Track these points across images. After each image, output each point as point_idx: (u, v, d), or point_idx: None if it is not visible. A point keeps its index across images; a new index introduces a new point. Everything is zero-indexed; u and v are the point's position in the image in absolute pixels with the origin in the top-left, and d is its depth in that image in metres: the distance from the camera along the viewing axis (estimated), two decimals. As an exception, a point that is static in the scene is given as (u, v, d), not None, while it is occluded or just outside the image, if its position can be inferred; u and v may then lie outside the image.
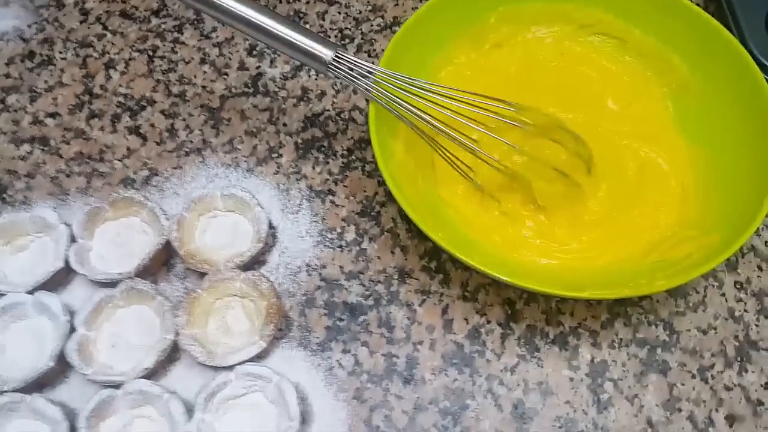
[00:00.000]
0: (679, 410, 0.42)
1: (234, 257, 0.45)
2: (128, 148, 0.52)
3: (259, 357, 0.43)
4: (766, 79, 0.50)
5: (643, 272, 0.42)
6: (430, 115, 0.43)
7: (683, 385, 0.43)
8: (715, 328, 0.45)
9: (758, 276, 0.46)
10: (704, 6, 0.57)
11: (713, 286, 0.46)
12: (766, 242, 0.48)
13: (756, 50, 0.51)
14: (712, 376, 0.43)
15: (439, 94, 0.43)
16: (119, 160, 0.51)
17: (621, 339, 0.44)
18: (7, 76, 0.56)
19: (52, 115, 0.54)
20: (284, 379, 0.41)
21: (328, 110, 0.53)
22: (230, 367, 0.41)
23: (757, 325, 0.45)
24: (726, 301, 0.45)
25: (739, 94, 0.45)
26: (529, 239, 0.46)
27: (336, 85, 0.54)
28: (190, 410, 0.41)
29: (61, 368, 0.43)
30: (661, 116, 0.50)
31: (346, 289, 0.46)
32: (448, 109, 0.43)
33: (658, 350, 0.44)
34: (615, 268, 0.44)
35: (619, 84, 0.50)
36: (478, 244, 0.45)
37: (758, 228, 0.47)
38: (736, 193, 0.43)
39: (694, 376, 0.43)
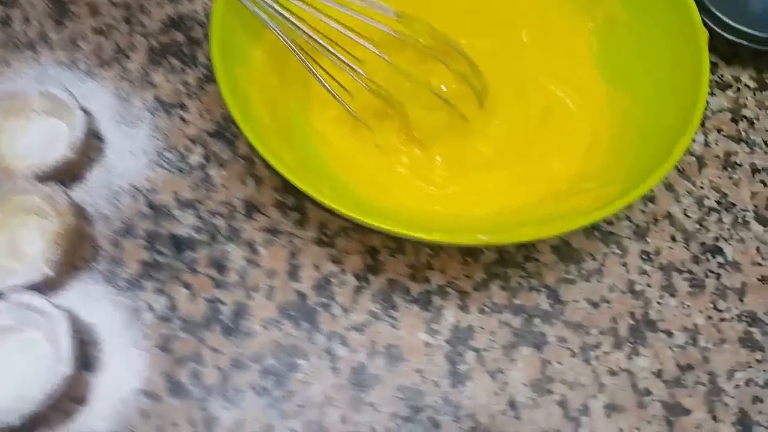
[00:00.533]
0: (550, 392, 0.35)
1: (36, 167, 0.37)
2: (-47, 36, 0.43)
3: (48, 287, 0.35)
4: (707, 24, 0.43)
5: (523, 225, 0.34)
6: (307, 24, 0.35)
7: (560, 363, 0.35)
8: (608, 302, 0.37)
9: (670, 247, 0.39)
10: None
11: (615, 253, 0.38)
12: (685, 211, 0.40)
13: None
14: (596, 356, 0.36)
15: None
16: (-63, 47, 0.43)
17: (495, 303, 0.37)
18: None
19: None
20: (63, 317, 0.33)
21: (198, 13, 0.45)
22: (1, 293, 0.33)
23: (659, 303, 0.37)
24: (627, 272, 0.38)
25: (672, 37, 0.38)
26: (403, 177, 0.38)
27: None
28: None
29: None
30: (581, 54, 0.42)
31: (177, 219, 0.38)
32: (328, 16, 0.35)
33: (536, 321, 0.36)
34: (496, 219, 0.36)
35: (539, 12, 0.42)
36: (340, 179, 0.38)
37: (678, 194, 0.40)
38: (646, 144, 0.36)
39: (574, 355, 0.36)
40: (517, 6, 0.43)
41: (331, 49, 0.36)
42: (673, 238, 0.39)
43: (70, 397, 0.33)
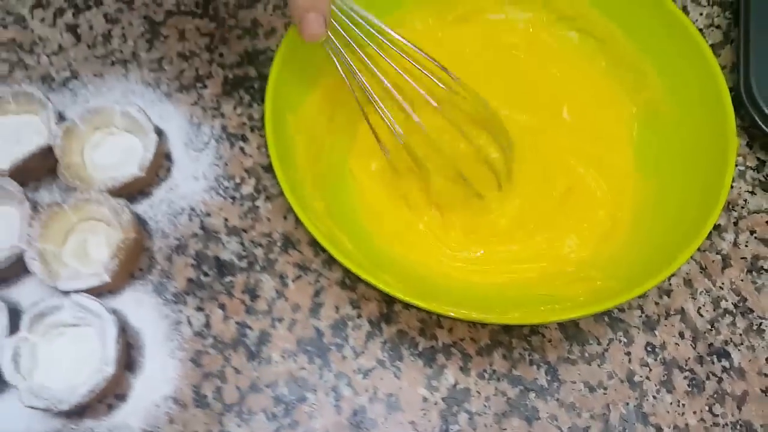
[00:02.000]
0: (530, 466, 0.37)
1: (109, 180, 0.42)
2: (60, 46, 0.49)
3: (103, 291, 0.40)
4: (757, 123, 0.43)
5: (521, 301, 0.36)
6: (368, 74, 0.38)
7: (545, 440, 0.38)
8: (605, 388, 0.39)
9: (676, 344, 0.40)
10: (725, 30, 0.49)
11: (620, 341, 0.40)
12: (699, 309, 0.41)
13: (758, 94, 0.44)
14: (581, 439, 0.38)
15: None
16: (47, 56, 0.49)
17: (494, 371, 0.39)
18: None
19: (-2, -5, 0.51)
20: (112, 321, 0.38)
21: (272, 50, 0.49)
22: (67, 293, 0.39)
23: (655, 397, 0.39)
24: (629, 361, 0.40)
25: (708, 132, 0.38)
26: (422, 234, 0.41)
27: (290, 24, 0.50)
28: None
29: None
30: (620, 139, 0.43)
31: (223, 243, 0.43)
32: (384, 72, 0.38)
33: (532, 394, 0.39)
34: (498, 291, 0.39)
35: (584, 92, 0.44)
36: (365, 229, 0.41)
37: (696, 291, 0.41)
38: (657, 245, 0.37)
39: (560, 434, 0.38)
40: (563, 83, 0.44)
41: (381, 104, 0.39)
42: (681, 335, 0.40)
43: (113, 393, 0.39)
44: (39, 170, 0.44)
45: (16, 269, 0.40)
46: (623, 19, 0.42)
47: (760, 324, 0.41)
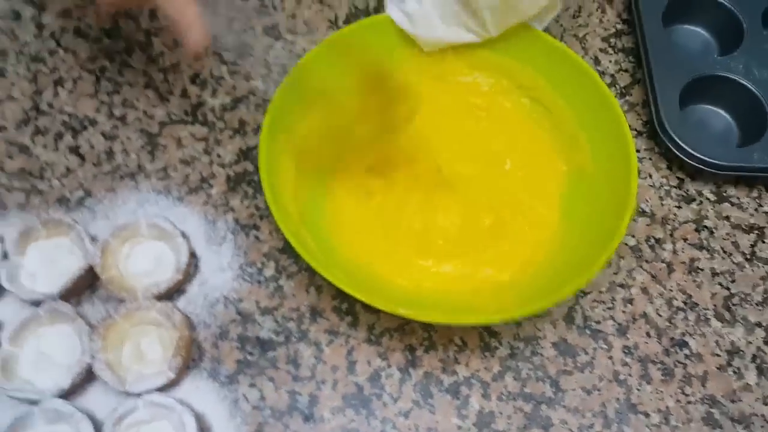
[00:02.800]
0: (555, 465, 0.45)
1: (152, 287, 0.47)
2: (67, 168, 0.54)
3: (168, 386, 0.45)
4: (672, 151, 0.53)
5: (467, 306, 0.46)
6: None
7: (561, 441, 0.46)
8: (599, 389, 0.48)
9: (645, 342, 0.49)
10: (632, 73, 0.60)
11: (603, 348, 0.49)
12: (657, 311, 0.51)
13: (667, 124, 0.54)
14: (589, 434, 0.46)
15: None
16: (57, 179, 0.53)
17: (510, 392, 0.47)
18: (-46, 84, 0.57)
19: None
20: (186, 411, 0.43)
21: (264, 145, 0.55)
22: (138, 394, 0.44)
23: (638, 389, 0.48)
24: (613, 364, 0.49)
25: (619, 189, 0.47)
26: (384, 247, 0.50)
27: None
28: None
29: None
30: (550, 190, 0.52)
31: (259, 324, 0.49)
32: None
33: (543, 406, 0.47)
34: (442, 296, 0.48)
35: (527, 149, 0.53)
36: (352, 261, 0.49)
37: (652, 296, 0.51)
38: (564, 273, 0.46)
39: (572, 434, 0.46)
40: (511, 140, 0.53)
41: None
42: (648, 335, 0.50)
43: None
44: (81, 287, 0.48)
45: (82, 381, 0.45)
46: (565, 93, 0.51)
47: (705, 314, 0.51)
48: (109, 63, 0.58)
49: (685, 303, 0.51)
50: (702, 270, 0.52)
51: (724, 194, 0.55)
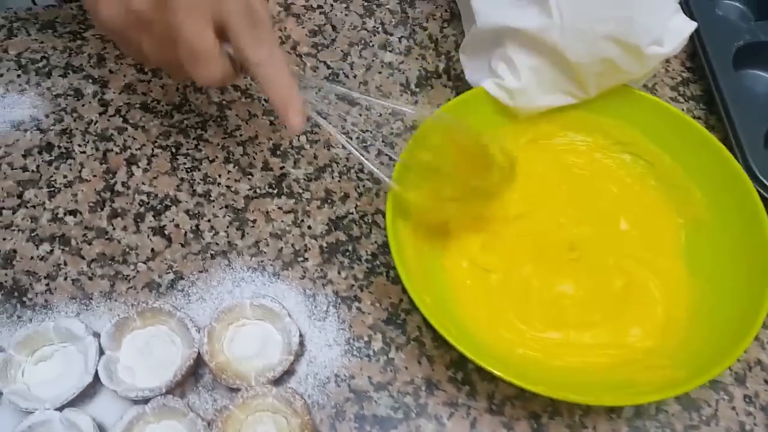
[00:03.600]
0: None
1: (265, 371, 0.45)
2: (152, 250, 0.52)
3: (293, 476, 0.43)
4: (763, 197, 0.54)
5: (605, 383, 0.44)
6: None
7: (702, 500, 0.45)
8: (728, 442, 0.47)
9: (765, 390, 0.49)
10: (705, 120, 0.61)
11: (724, 399, 0.48)
12: (771, 356, 0.50)
13: (755, 167, 0.55)
14: (728, 491, 0.45)
15: None
16: (143, 263, 0.51)
17: (642, 454, 0.46)
18: (24, 168, 0.55)
19: (72, 213, 0.53)
20: (323, 504, 0.41)
21: (352, 213, 0.54)
22: (267, 488, 0.42)
23: (766, 439, 0.47)
24: (737, 414, 0.48)
25: (748, 236, 0.47)
26: (510, 321, 0.48)
27: (359, 187, 0.56)
28: None
29: (92, 490, 0.42)
30: (671, 246, 0.51)
31: (375, 401, 0.47)
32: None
33: (677, 465, 0.46)
34: (578, 374, 0.46)
35: (638, 206, 0.52)
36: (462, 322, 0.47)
37: (763, 342, 0.51)
38: (716, 334, 0.45)
39: (712, 492, 0.45)
40: (619, 198, 0.53)
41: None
42: (767, 381, 0.49)
43: None
44: (184, 378, 0.46)
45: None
46: (668, 146, 0.51)
47: (815, 356, 0.51)
48: (183, 139, 0.57)
49: (795, 346, 0.51)
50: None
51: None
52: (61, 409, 0.43)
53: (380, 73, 0.61)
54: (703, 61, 0.60)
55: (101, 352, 0.46)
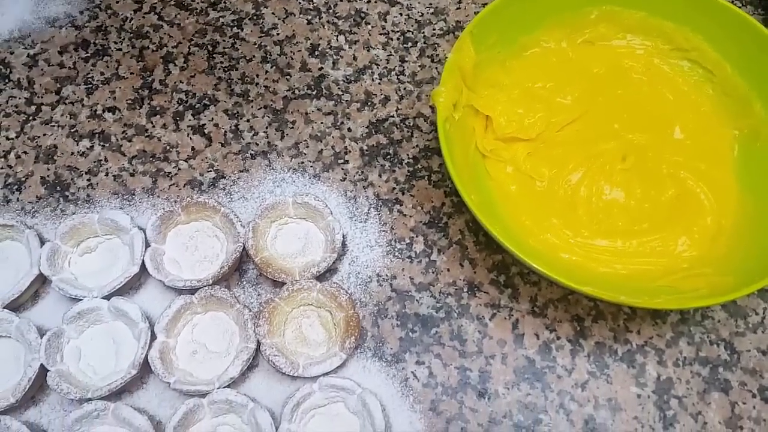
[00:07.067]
0: (741, 428, 0.44)
1: (309, 267, 0.45)
2: (193, 148, 0.51)
3: (338, 368, 0.44)
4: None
5: (648, 290, 0.43)
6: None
7: (744, 403, 0.45)
8: (773, 349, 0.46)
9: (813, 299, 0.48)
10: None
11: (771, 307, 0.48)
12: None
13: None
14: (771, 396, 0.45)
15: None
16: (184, 161, 0.51)
17: (685, 357, 0.46)
18: (61, 65, 0.54)
19: (111, 110, 0.53)
20: (367, 392, 0.41)
21: (393, 116, 0.53)
22: (312, 378, 0.42)
23: (812, 347, 0.47)
24: (783, 322, 0.47)
25: None
26: (555, 226, 0.47)
27: (399, 90, 0.54)
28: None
29: (140, 375, 0.43)
30: (723, 157, 0.49)
31: (417, 300, 0.47)
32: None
33: (720, 369, 0.46)
34: (623, 280, 0.45)
35: (693, 115, 0.50)
36: (507, 222, 0.46)
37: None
38: (762, 245, 0.44)
39: (754, 396, 0.45)
40: (674, 106, 0.51)
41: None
42: (814, 292, 0.49)
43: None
44: (229, 272, 0.46)
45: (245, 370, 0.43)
46: (731, 54, 0.48)
47: None
48: (220, 37, 0.56)
49: None
50: None
51: None
52: (108, 297, 0.44)
53: (424, -28, 0.59)
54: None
55: (146, 245, 0.46)
